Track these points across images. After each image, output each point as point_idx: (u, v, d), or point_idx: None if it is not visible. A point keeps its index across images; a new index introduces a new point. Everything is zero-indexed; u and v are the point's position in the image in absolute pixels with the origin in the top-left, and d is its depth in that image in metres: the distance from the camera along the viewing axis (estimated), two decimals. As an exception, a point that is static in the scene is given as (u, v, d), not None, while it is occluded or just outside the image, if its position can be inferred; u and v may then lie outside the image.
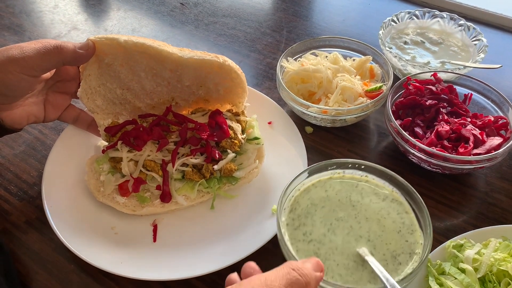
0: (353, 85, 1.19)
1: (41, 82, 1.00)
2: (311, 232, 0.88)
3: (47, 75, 1.00)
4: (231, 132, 1.04)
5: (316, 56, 1.31)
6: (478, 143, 1.05)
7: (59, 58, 0.92)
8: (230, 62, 1.00)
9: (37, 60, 0.90)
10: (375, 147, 1.21)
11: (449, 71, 1.24)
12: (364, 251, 0.84)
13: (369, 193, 0.94)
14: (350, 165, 0.96)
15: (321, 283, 0.78)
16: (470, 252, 0.86)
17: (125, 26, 1.64)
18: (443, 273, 0.86)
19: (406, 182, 0.91)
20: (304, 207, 0.92)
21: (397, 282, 0.78)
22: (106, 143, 1.06)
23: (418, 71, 1.25)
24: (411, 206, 0.92)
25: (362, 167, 0.96)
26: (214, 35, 1.60)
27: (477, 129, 1.08)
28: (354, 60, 1.30)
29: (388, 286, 0.76)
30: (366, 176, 0.96)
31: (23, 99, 1.00)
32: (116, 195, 1.01)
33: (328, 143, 1.21)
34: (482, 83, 1.17)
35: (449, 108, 1.14)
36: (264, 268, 0.94)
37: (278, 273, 0.61)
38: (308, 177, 0.95)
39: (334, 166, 0.96)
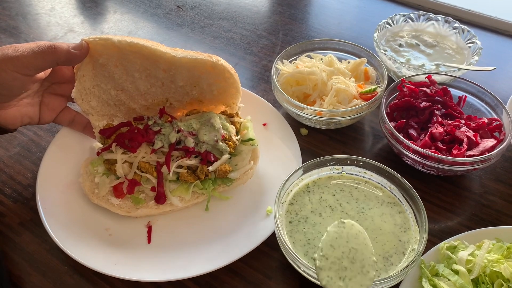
0: (347, 87, 1.19)
1: (36, 82, 1.00)
2: (306, 215, 0.93)
3: (41, 75, 1.00)
4: (225, 133, 1.04)
5: (311, 58, 1.32)
6: (472, 145, 1.05)
7: (53, 57, 0.92)
8: (223, 62, 1.00)
9: (31, 59, 0.90)
10: (370, 149, 1.21)
11: (444, 73, 1.25)
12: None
13: (371, 197, 0.97)
14: (348, 161, 0.99)
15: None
16: (463, 254, 0.86)
17: (122, 29, 1.64)
18: (436, 274, 0.86)
19: (403, 178, 0.95)
20: (304, 202, 0.95)
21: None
22: (101, 145, 1.06)
23: (413, 73, 1.25)
24: (408, 203, 0.94)
25: (361, 163, 0.99)
26: (210, 37, 1.60)
27: (471, 131, 1.08)
28: (349, 62, 1.30)
29: None
30: (365, 172, 0.98)
31: (17, 99, 1.00)
32: (111, 196, 1.01)
33: (323, 145, 1.21)
34: (476, 85, 1.17)
35: (443, 110, 1.15)
36: (258, 269, 0.95)
37: None
38: (307, 172, 0.98)
39: (333, 162, 0.99)
